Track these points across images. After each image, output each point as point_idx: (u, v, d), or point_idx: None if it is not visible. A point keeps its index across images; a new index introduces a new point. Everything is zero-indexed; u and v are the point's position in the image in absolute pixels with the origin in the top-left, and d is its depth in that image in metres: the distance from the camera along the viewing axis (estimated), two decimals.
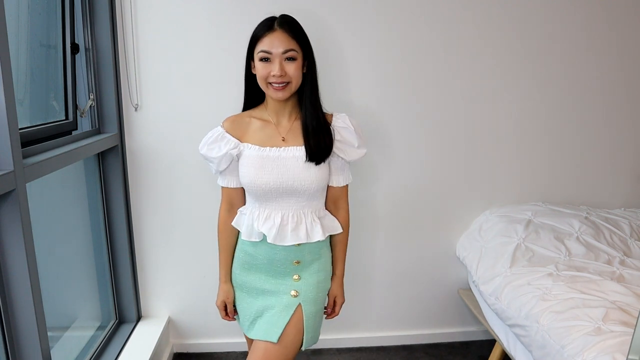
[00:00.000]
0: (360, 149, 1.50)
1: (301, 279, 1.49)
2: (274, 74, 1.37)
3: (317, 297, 1.50)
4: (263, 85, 1.42)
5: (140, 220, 2.24)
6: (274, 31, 1.38)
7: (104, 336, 2.14)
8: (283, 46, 1.37)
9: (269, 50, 1.37)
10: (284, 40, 1.37)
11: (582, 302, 1.67)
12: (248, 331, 1.54)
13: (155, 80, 2.09)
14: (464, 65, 2.22)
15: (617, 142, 2.41)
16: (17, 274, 1.32)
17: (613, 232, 2.20)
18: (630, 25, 2.28)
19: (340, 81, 2.16)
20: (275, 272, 1.50)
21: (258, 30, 1.41)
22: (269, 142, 1.45)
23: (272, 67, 1.38)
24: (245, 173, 1.45)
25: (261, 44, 1.38)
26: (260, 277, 1.51)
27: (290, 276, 1.49)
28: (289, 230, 1.45)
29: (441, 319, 2.52)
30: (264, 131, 1.47)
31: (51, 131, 1.73)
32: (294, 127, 1.48)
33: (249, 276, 1.53)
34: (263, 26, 1.40)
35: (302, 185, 1.42)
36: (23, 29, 1.68)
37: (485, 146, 2.33)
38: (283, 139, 1.46)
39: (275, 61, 1.37)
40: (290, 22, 1.41)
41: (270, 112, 1.49)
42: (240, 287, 1.55)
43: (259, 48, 1.39)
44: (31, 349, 1.37)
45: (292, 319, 1.44)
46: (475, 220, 2.40)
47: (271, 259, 1.48)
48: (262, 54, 1.38)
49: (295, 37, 1.39)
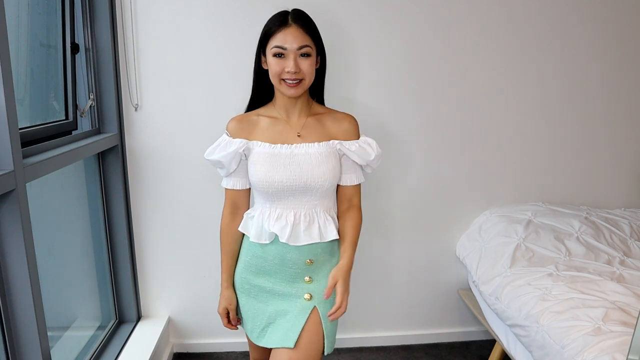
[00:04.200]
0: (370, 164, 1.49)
1: (313, 281, 1.43)
2: (288, 70, 1.33)
3: (331, 299, 1.42)
4: (276, 82, 1.38)
5: (140, 220, 2.24)
6: (288, 26, 1.33)
7: (104, 336, 2.14)
8: (298, 42, 1.33)
9: (283, 46, 1.33)
10: (298, 36, 1.33)
11: (582, 302, 1.67)
12: (258, 339, 1.46)
13: (155, 80, 2.09)
14: (464, 66, 2.22)
15: (617, 142, 2.41)
16: (17, 274, 1.32)
17: (613, 232, 2.20)
18: (630, 25, 2.28)
19: (342, 80, 2.16)
20: (286, 274, 1.43)
21: (271, 25, 1.36)
22: (280, 139, 1.42)
23: (287, 63, 1.33)
24: (256, 171, 1.40)
25: (275, 39, 1.34)
26: (270, 280, 1.44)
27: (302, 278, 1.43)
28: (302, 229, 1.40)
29: (441, 319, 2.52)
30: (274, 128, 1.43)
31: (51, 131, 1.73)
32: (307, 124, 1.44)
33: (257, 280, 1.46)
34: (276, 21, 1.35)
35: (316, 182, 1.38)
36: (23, 29, 1.68)
37: (485, 146, 2.33)
38: (299, 134, 1.42)
39: (290, 57, 1.33)
40: (304, 17, 1.37)
41: (279, 109, 1.45)
42: (248, 292, 1.48)
43: (272, 43, 1.34)
44: (31, 349, 1.37)
45: (308, 323, 1.38)
46: (475, 220, 2.40)
47: (283, 258, 1.42)
48: (276, 49, 1.34)
49: (309, 33, 1.35)
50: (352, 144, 1.44)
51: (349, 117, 1.49)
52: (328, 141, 1.43)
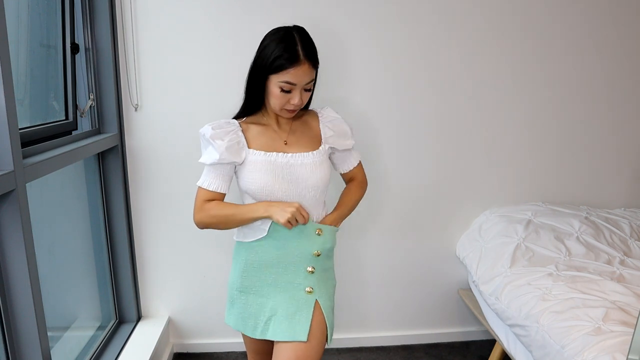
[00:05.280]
0: (351, 139, 1.54)
1: (315, 271, 1.45)
2: (293, 103, 1.38)
3: (329, 292, 1.49)
4: (276, 109, 1.40)
5: (140, 220, 2.24)
6: (300, 64, 1.33)
7: (104, 336, 2.14)
8: (307, 79, 1.36)
9: (294, 83, 1.34)
10: (308, 73, 1.35)
11: (582, 302, 1.67)
12: (263, 333, 1.45)
13: (155, 80, 2.09)
14: (464, 66, 2.22)
15: (618, 142, 2.41)
16: (17, 274, 1.32)
17: (613, 232, 2.20)
18: (631, 25, 2.28)
19: (340, 80, 2.16)
20: (288, 263, 1.44)
21: (283, 60, 1.32)
22: (273, 146, 1.44)
23: (293, 97, 1.37)
24: (254, 179, 1.40)
25: (286, 75, 1.33)
26: (271, 272, 1.45)
27: (305, 268, 1.44)
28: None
29: (441, 319, 2.52)
30: (266, 135, 1.45)
31: (51, 131, 1.73)
32: (294, 129, 1.48)
33: (257, 274, 1.46)
34: (288, 55, 1.32)
35: (310, 189, 1.43)
36: (23, 29, 1.68)
37: (485, 146, 2.33)
38: (285, 142, 1.45)
39: (296, 92, 1.36)
40: (311, 50, 1.36)
41: (270, 117, 1.48)
42: (247, 290, 1.48)
43: (282, 78, 1.34)
44: (31, 349, 1.37)
45: (314, 316, 1.41)
46: (475, 220, 2.40)
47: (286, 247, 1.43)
48: (285, 84, 1.34)
49: (315, 67, 1.38)
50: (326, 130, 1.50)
51: (314, 112, 1.55)
52: (319, 148, 1.47)
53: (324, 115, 1.53)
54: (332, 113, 1.54)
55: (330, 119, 1.52)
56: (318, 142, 1.49)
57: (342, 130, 1.52)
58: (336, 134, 1.51)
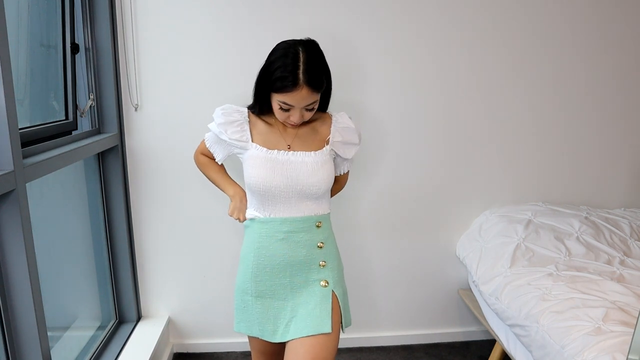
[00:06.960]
0: (355, 149, 1.56)
1: (327, 263, 1.48)
2: (293, 120, 1.40)
3: (340, 278, 1.53)
4: (279, 120, 1.44)
5: (140, 220, 2.24)
6: (300, 89, 1.32)
7: (104, 336, 2.14)
8: (305, 102, 1.36)
9: (292, 105, 1.36)
10: (306, 98, 1.35)
11: (582, 302, 1.67)
12: (283, 336, 1.46)
13: (155, 80, 2.09)
14: (464, 65, 2.22)
15: (617, 142, 2.41)
16: (17, 274, 1.32)
17: (613, 232, 2.20)
18: (630, 25, 2.28)
19: (340, 80, 2.16)
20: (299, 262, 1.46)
21: (282, 82, 1.32)
22: (275, 145, 1.45)
23: (292, 115, 1.39)
24: (254, 174, 1.42)
25: (284, 96, 1.34)
26: (286, 273, 1.46)
27: (317, 263, 1.47)
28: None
29: (441, 319, 2.52)
30: (270, 134, 1.47)
31: (51, 131, 1.73)
32: (300, 134, 1.48)
33: (271, 278, 1.47)
34: (288, 78, 1.32)
35: (311, 189, 1.43)
36: (23, 29, 1.68)
37: (485, 146, 2.33)
38: (289, 146, 1.46)
39: (296, 112, 1.38)
40: (315, 74, 1.33)
41: (277, 121, 1.48)
42: (263, 294, 1.48)
43: (282, 98, 1.35)
44: (31, 349, 1.37)
45: (332, 308, 1.45)
46: (475, 220, 2.40)
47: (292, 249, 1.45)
48: (285, 105, 1.37)
49: (318, 90, 1.36)
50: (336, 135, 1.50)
51: (328, 115, 1.54)
52: (322, 149, 1.47)
53: (337, 120, 1.52)
54: (347, 120, 1.53)
55: (343, 126, 1.52)
56: (322, 144, 1.49)
57: (350, 140, 1.53)
58: (344, 141, 1.52)
